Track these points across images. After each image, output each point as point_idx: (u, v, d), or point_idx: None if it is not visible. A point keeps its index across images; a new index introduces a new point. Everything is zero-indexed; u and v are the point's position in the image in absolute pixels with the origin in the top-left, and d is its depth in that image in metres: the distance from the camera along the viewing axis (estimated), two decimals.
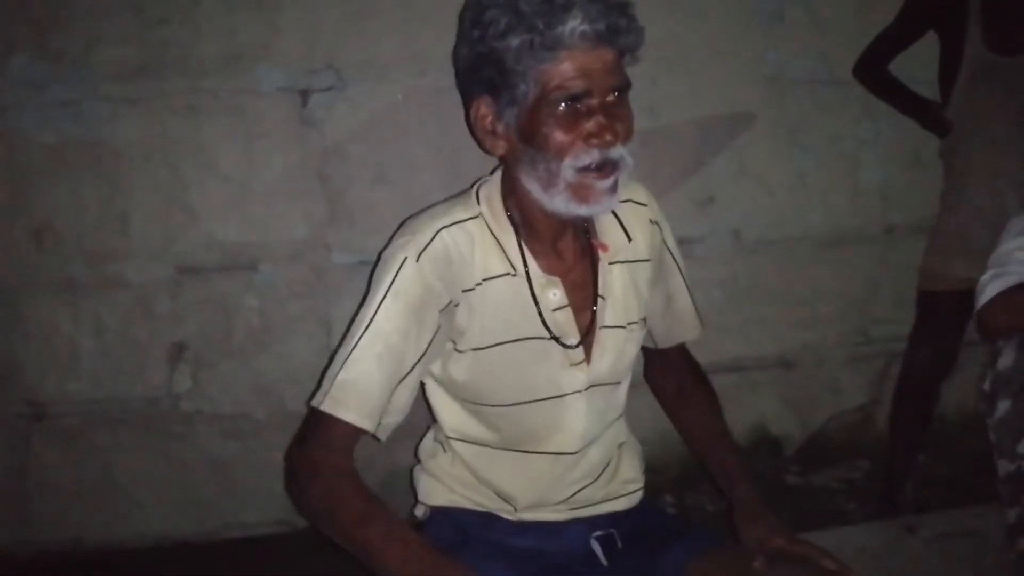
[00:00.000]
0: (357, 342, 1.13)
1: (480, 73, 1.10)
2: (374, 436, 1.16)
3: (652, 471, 1.41)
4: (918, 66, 2.17)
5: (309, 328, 2.09)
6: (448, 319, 1.17)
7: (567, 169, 1.09)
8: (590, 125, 1.08)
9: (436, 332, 1.15)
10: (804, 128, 2.33)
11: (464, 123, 1.90)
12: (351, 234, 2.07)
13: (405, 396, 1.16)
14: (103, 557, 2.02)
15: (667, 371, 1.44)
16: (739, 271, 2.33)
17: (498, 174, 1.23)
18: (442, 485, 1.29)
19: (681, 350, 1.42)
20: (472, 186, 1.24)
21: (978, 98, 2.02)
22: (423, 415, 1.41)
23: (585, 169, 1.09)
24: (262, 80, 1.99)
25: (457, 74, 1.17)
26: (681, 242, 1.38)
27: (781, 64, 2.29)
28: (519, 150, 1.12)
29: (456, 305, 1.16)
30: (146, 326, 2.03)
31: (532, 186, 1.13)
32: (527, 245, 1.19)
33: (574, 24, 1.03)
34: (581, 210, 1.12)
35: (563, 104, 1.07)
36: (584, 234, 1.24)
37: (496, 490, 1.26)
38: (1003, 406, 1.29)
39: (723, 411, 1.41)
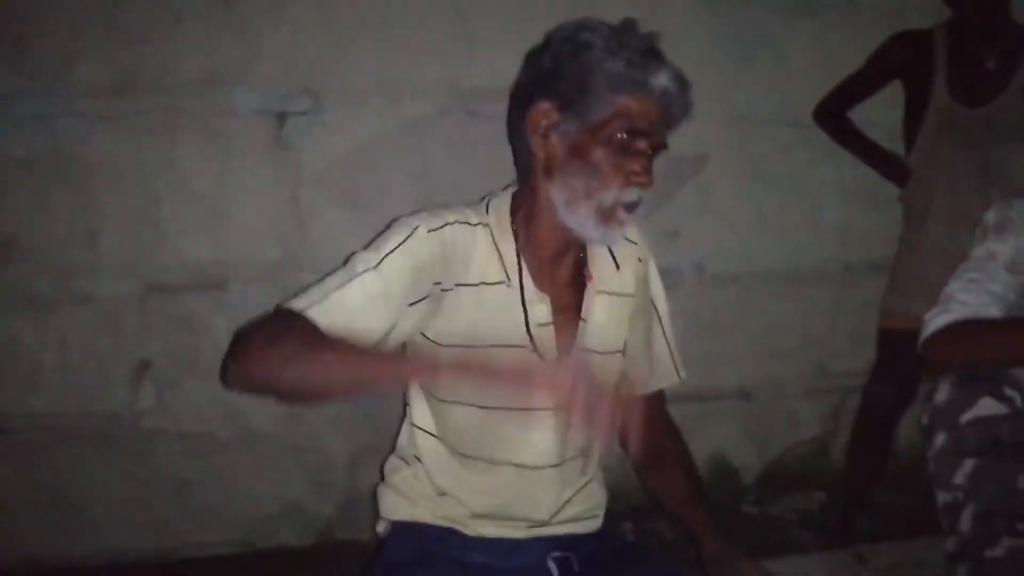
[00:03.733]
0: (359, 275, 1.15)
1: (558, 82, 1.19)
2: None
3: (612, 498, 1.42)
4: (874, 112, 2.25)
5: None
6: (433, 303, 1.20)
7: (608, 196, 1.18)
8: (636, 165, 1.18)
9: (420, 306, 1.18)
10: (767, 167, 2.41)
11: (436, 151, 1.94)
12: (323, 256, 2.08)
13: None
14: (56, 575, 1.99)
15: (643, 427, 1.45)
16: (701, 304, 2.38)
17: (508, 190, 1.30)
18: (404, 499, 1.32)
19: (658, 403, 1.44)
20: (482, 199, 1.30)
21: (942, 145, 2.11)
22: (388, 434, 1.43)
23: (621, 204, 1.18)
24: (239, 102, 2.01)
25: (525, 77, 1.25)
26: None
27: (747, 105, 2.36)
28: (562, 160, 1.20)
29: (446, 291, 1.21)
30: (111, 342, 2.02)
31: (557, 195, 1.20)
32: (524, 260, 1.25)
33: (663, 79, 1.17)
34: (594, 234, 1.21)
35: (622, 135, 1.17)
36: (578, 263, 1.30)
37: (455, 499, 1.28)
38: (940, 439, 1.34)
39: (697, 468, 1.44)
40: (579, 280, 1.30)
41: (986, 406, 1.30)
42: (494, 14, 2.12)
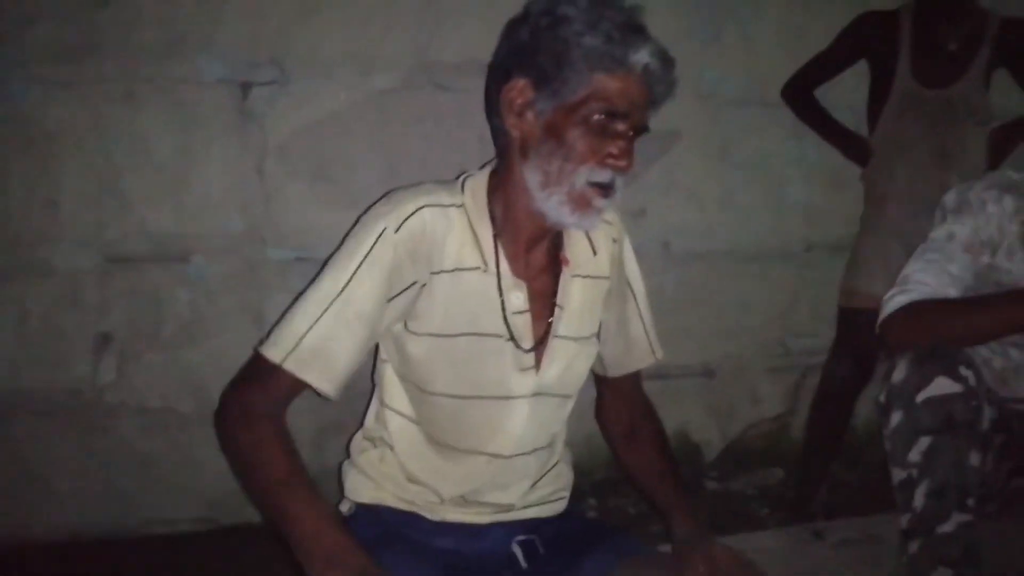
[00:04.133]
0: (328, 307, 1.14)
1: (534, 57, 1.13)
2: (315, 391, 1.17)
3: (576, 474, 1.43)
4: (840, 93, 2.27)
5: (241, 323, 2.07)
6: (408, 299, 1.18)
7: (580, 177, 1.14)
8: (614, 147, 1.13)
9: (399, 299, 1.17)
10: (733, 146, 2.42)
11: (402, 124, 1.90)
12: (288, 230, 2.06)
13: (363, 360, 1.18)
14: (15, 552, 1.95)
15: (619, 406, 1.44)
16: (667, 281, 2.40)
17: (486, 169, 1.24)
18: (370, 481, 1.30)
19: (634, 382, 1.43)
20: (457, 177, 1.25)
21: (904, 126, 2.14)
22: (354, 411, 1.42)
23: (593, 184, 1.14)
24: (202, 70, 1.98)
25: (503, 50, 1.19)
26: None
27: (715, 83, 2.37)
28: (537, 140, 1.15)
29: (422, 286, 1.18)
30: (71, 315, 1.98)
31: (532, 178, 1.15)
32: (501, 245, 1.21)
33: (644, 55, 1.11)
34: (569, 219, 1.16)
35: (600, 116, 1.12)
36: (553, 247, 1.27)
37: (424, 487, 1.27)
38: (896, 417, 1.36)
39: (671, 446, 1.44)
40: (555, 264, 1.26)
41: (941, 385, 1.33)
42: None
